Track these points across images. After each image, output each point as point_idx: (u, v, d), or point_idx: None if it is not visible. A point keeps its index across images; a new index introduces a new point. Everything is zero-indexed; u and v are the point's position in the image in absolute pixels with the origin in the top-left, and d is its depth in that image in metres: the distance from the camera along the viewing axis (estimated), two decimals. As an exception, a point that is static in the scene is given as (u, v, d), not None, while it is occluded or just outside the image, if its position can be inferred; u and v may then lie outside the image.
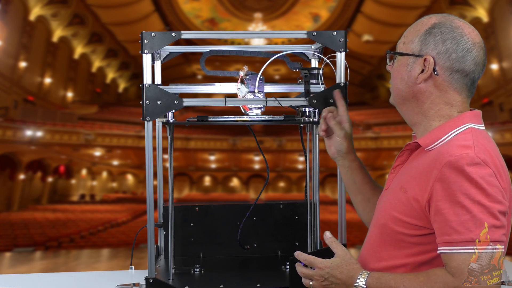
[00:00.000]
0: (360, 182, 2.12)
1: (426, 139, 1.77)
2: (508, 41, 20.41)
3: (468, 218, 1.60)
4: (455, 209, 1.62)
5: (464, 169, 1.62)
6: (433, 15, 1.82)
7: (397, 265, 1.75)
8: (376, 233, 1.83)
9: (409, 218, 1.71)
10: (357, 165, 2.12)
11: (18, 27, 21.90)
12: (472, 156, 1.64)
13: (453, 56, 1.75)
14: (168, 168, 2.31)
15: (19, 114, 22.21)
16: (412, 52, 1.80)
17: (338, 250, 1.82)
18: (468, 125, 1.76)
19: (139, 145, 24.31)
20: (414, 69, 1.79)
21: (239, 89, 2.23)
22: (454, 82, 1.77)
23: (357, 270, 1.76)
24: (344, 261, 1.79)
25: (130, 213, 20.59)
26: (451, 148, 1.68)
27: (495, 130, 19.68)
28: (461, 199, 1.61)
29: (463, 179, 1.62)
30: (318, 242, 2.40)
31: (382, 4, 25.01)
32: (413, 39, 1.80)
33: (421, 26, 1.80)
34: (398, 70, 1.83)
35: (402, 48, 1.83)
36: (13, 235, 16.26)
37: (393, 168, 1.90)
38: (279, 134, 25.02)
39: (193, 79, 27.56)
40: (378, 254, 1.81)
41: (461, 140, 1.70)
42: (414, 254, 1.73)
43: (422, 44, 1.78)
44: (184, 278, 2.29)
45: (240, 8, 27.20)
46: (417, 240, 1.72)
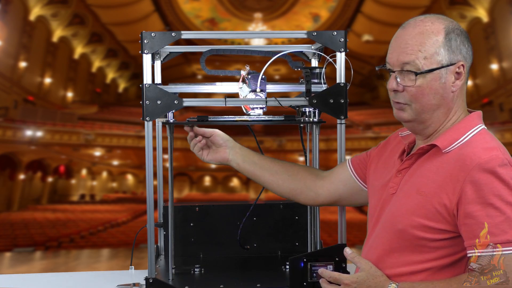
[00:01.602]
0: (259, 160, 2.20)
1: (444, 141, 1.74)
2: (508, 41, 20.39)
3: (502, 219, 1.60)
4: (488, 211, 1.61)
5: (496, 170, 1.62)
6: (432, 20, 1.77)
7: (417, 270, 1.73)
8: (391, 238, 1.79)
9: (432, 223, 1.69)
10: (247, 149, 2.23)
11: (18, 27, 21.88)
12: (502, 158, 1.64)
13: (470, 53, 1.78)
14: (168, 168, 2.31)
15: (19, 114, 22.19)
16: (441, 64, 1.74)
17: (362, 264, 1.81)
18: (481, 126, 1.77)
19: (139, 145, 24.29)
20: (448, 80, 1.75)
21: (241, 88, 2.23)
22: (467, 79, 1.80)
23: (386, 282, 1.75)
24: (370, 274, 1.78)
25: (130, 213, 20.57)
26: (476, 150, 1.67)
27: (495, 130, 19.66)
28: (493, 201, 1.60)
29: (495, 181, 1.61)
30: (318, 242, 2.39)
31: (382, 4, 24.99)
32: (437, 51, 1.74)
33: (434, 35, 1.74)
34: (429, 86, 1.75)
35: (426, 64, 1.74)
36: (13, 235, 16.25)
37: (398, 171, 1.86)
38: (279, 134, 25.00)
39: (193, 79, 27.53)
40: (394, 259, 1.78)
41: (483, 142, 1.70)
42: (436, 258, 1.71)
43: (450, 53, 1.75)
44: (184, 278, 2.29)
45: (240, 8, 27.17)
46: (439, 244, 1.71)
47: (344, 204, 2.19)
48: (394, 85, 1.78)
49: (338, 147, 2.24)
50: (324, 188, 2.15)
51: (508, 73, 20.61)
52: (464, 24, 21.78)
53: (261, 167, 2.20)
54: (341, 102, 2.18)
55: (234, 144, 2.25)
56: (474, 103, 20.56)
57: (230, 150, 2.23)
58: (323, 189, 2.15)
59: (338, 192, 2.13)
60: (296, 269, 1.95)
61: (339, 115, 2.20)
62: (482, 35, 21.62)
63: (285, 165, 2.21)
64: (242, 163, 2.22)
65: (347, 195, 2.13)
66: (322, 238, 2.41)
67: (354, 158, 2.14)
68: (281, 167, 2.20)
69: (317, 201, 2.17)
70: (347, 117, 2.20)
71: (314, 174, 2.19)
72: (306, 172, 2.20)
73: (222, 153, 2.24)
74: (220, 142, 2.24)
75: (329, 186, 2.14)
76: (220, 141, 2.24)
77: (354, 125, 25.02)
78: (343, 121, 2.21)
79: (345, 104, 2.19)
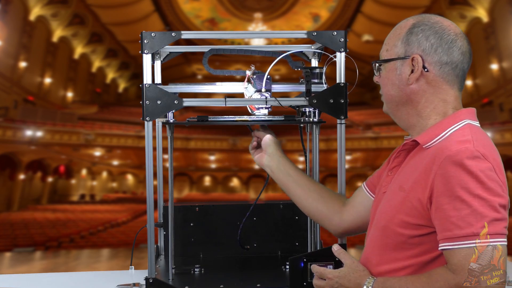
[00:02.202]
0: (295, 174, 2.20)
1: (425, 137, 1.77)
2: (508, 41, 20.39)
3: (468, 212, 1.60)
4: (455, 204, 1.61)
5: (463, 162, 1.62)
6: (410, 18, 1.84)
7: (400, 268, 1.75)
8: (377, 236, 1.82)
9: (410, 218, 1.71)
10: (287, 160, 2.24)
11: (18, 27, 21.88)
12: (472, 150, 1.64)
13: (439, 50, 1.77)
14: (168, 168, 2.31)
15: (19, 114, 22.19)
16: (398, 56, 1.80)
17: (346, 260, 1.85)
18: (465, 121, 1.77)
19: (139, 145, 24.29)
20: (403, 71, 1.80)
21: (246, 88, 2.23)
22: (445, 75, 1.78)
23: (364, 277, 1.78)
24: (351, 269, 1.82)
25: (130, 213, 20.58)
26: (449, 143, 1.68)
27: (495, 130, 19.67)
28: (460, 194, 1.61)
29: (462, 173, 1.61)
30: (318, 242, 2.39)
31: (382, 4, 25.00)
32: (396, 43, 1.81)
33: (400, 29, 1.82)
34: (387, 77, 1.83)
35: (386, 55, 1.84)
36: (13, 235, 16.25)
37: (389, 170, 1.89)
38: (279, 134, 24.90)
39: (193, 79, 27.55)
40: (380, 257, 1.80)
41: (459, 135, 1.70)
42: (417, 255, 1.73)
43: (406, 46, 1.79)
44: (184, 278, 2.29)
45: (240, 8, 27.18)
46: (418, 240, 1.72)
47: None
48: (374, 77, 1.90)
49: (338, 147, 2.24)
50: (348, 213, 2.14)
51: (508, 73, 20.62)
52: (464, 24, 21.79)
53: (294, 181, 2.20)
54: (341, 102, 2.19)
55: (275, 151, 2.24)
56: (474, 103, 20.56)
57: (268, 156, 2.24)
58: (347, 214, 2.14)
59: (360, 215, 2.12)
60: (296, 269, 1.95)
61: (339, 115, 2.20)
62: (482, 35, 21.62)
63: (318, 186, 2.21)
64: (276, 172, 2.23)
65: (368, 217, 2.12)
66: (322, 238, 2.41)
67: (367, 181, 2.15)
68: (314, 186, 2.20)
69: (341, 226, 2.16)
70: (347, 117, 2.20)
71: (342, 200, 2.19)
72: (336, 198, 2.19)
73: (261, 157, 2.27)
74: (263, 146, 2.26)
75: (352, 211, 2.14)
76: (264, 145, 2.26)
77: (354, 125, 25.03)
78: (343, 121, 2.21)
79: (345, 104, 2.19)
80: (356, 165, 25.22)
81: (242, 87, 2.26)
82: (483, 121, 1.86)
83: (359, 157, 25.40)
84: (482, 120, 1.85)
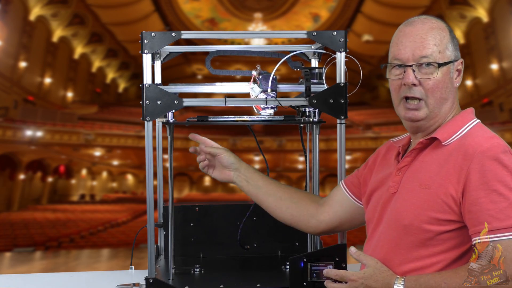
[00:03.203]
0: (264, 184, 2.19)
1: (444, 133, 1.79)
2: (508, 41, 20.39)
3: (506, 205, 1.62)
4: (492, 197, 1.62)
5: (499, 156, 1.65)
6: (433, 18, 1.85)
7: (427, 265, 1.73)
8: (396, 235, 1.79)
9: (440, 214, 1.71)
10: (253, 171, 2.21)
11: (18, 27, 21.88)
12: (503, 145, 1.69)
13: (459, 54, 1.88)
14: (168, 168, 2.31)
15: (19, 114, 22.19)
16: (451, 59, 1.83)
17: (368, 260, 1.81)
18: (476, 120, 1.83)
19: (139, 145, 24.27)
20: (453, 74, 1.84)
21: (252, 88, 2.23)
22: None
23: (392, 276, 1.75)
24: (376, 269, 1.78)
25: (130, 213, 20.57)
26: (478, 139, 1.71)
27: (495, 130, 19.38)
28: (497, 187, 1.63)
29: (498, 167, 1.64)
30: (318, 242, 2.39)
31: (382, 4, 24.99)
32: (447, 46, 1.82)
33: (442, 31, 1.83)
34: (443, 79, 1.81)
35: (441, 57, 1.81)
36: (13, 235, 16.25)
37: (397, 170, 1.87)
38: (279, 134, 24.99)
39: (193, 79, 27.53)
40: (402, 256, 1.78)
41: (482, 132, 1.75)
42: (443, 251, 1.72)
43: (454, 49, 1.84)
44: (184, 278, 2.29)
45: (240, 8, 27.17)
46: (447, 236, 1.71)
47: (346, 228, 2.17)
48: (411, 79, 1.80)
49: (338, 147, 2.24)
50: (325, 214, 2.14)
51: (508, 73, 20.61)
52: (464, 24, 21.80)
53: (265, 192, 2.20)
54: (341, 102, 2.18)
55: (239, 166, 2.22)
56: (474, 103, 20.56)
57: (235, 172, 2.23)
58: (324, 215, 2.14)
59: (337, 215, 2.13)
60: (296, 269, 1.95)
61: (339, 115, 2.20)
62: (482, 35, 21.62)
63: (289, 191, 2.20)
64: (246, 186, 2.22)
65: (346, 216, 2.12)
66: (322, 238, 2.41)
67: (346, 179, 2.16)
68: (285, 193, 2.19)
69: (319, 228, 2.16)
70: (347, 117, 2.20)
71: (315, 201, 2.19)
72: (309, 199, 2.19)
73: (226, 174, 2.24)
74: (225, 164, 2.23)
75: (328, 211, 2.14)
76: (225, 163, 2.22)
77: (354, 125, 25.02)
78: (343, 121, 2.21)
79: (345, 104, 2.19)
80: (356, 165, 24.98)
81: (248, 87, 2.26)
82: (483, 121, 1.88)
83: (359, 157, 25.37)
84: (482, 120, 1.88)
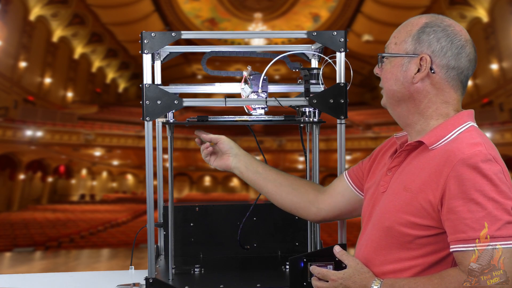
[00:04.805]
0: (264, 171, 2.21)
1: (430, 138, 1.77)
2: (508, 41, 20.38)
3: (483, 215, 1.60)
4: (469, 206, 1.61)
5: (478, 165, 1.62)
6: (422, 15, 1.83)
7: (405, 268, 1.74)
8: (379, 236, 1.81)
9: (418, 219, 1.70)
10: (252, 158, 2.23)
11: (18, 27, 21.87)
12: (485, 153, 1.64)
13: (448, 53, 1.77)
14: (168, 168, 2.31)
15: (19, 114, 22.18)
16: (406, 52, 1.79)
17: (350, 261, 1.83)
18: (469, 123, 1.78)
19: (139, 145, 24.28)
20: (409, 69, 1.79)
21: (243, 89, 2.24)
22: (450, 79, 1.79)
23: (370, 279, 1.76)
24: (356, 271, 1.80)
25: (130, 213, 20.57)
26: (461, 145, 1.68)
27: (495, 130, 19.63)
28: (475, 196, 1.61)
29: (477, 176, 1.61)
30: (318, 242, 2.39)
31: (382, 4, 24.99)
32: (406, 39, 1.80)
33: (411, 26, 1.80)
34: (391, 71, 1.82)
35: (394, 49, 1.82)
36: (13, 235, 16.25)
37: (388, 170, 1.88)
38: (279, 134, 24.99)
39: (193, 79, 27.52)
40: (382, 257, 1.79)
41: (468, 138, 1.71)
42: (422, 255, 1.72)
43: (416, 44, 1.79)
44: (184, 278, 2.29)
45: (240, 8, 27.17)
46: (425, 241, 1.71)
47: (346, 217, 2.18)
48: (374, 70, 1.88)
49: (338, 147, 2.24)
50: (325, 203, 2.15)
51: (508, 73, 20.61)
52: (464, 24, 21.77)
53: (264, 178, 2.21)
54: (341, 102, 2.19)
55: (238, 151, 2.24)
56: (474, 103, 20.55)
57: (234, 158, 2.24)
58: (324, 203, 2.15)
59: (338, 205, 2.14)
60: (296, 269, 1.95)
61: (339, 115, 2.20)
62: (482, 35, 21.61)
63: (289, 178, 2.21)
64: (245, 172, 2.23)
65: (347, 207, 2.13)
66: (322, 238, 2.41)
67: (350, 169, 2.16)
68: (285, 179, 2.21)
69: (318, 216, 2.17)
70: (347, 117, 2.20)
71: (316, 189, 2.19)
72: (310, 187, 2.20)
73: (225, 160, 2.25)
74: (224, 149, 2.24)
75: (329, 200, 2.15)
76: (224, 148, 2.24)
77: (354, 125, 25.02)
78: (343, 121, 2.21)
79: (345, 104, 2.19)
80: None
81: (239, 87, 2.26)
82: (483, 121, 1.88)
83: (359, 157, 25.36)
84: (482, 120, 1.87)
